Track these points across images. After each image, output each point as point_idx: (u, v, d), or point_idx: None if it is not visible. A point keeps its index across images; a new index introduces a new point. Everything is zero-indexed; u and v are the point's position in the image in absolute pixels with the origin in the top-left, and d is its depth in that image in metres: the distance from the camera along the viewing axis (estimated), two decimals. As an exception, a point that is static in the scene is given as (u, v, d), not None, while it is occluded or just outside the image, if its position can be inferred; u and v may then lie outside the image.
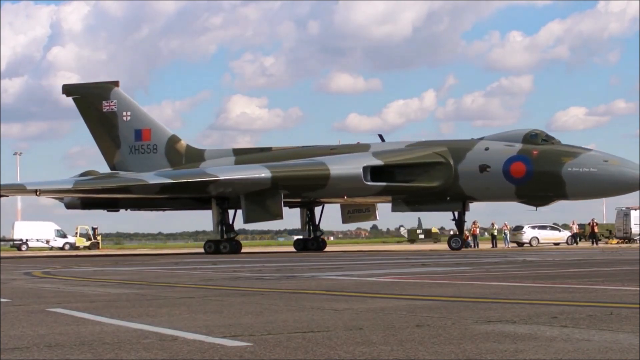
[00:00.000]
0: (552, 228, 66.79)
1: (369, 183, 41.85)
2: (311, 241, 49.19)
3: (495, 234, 61.32)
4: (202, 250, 46.54)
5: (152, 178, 42.76)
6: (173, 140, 49.41)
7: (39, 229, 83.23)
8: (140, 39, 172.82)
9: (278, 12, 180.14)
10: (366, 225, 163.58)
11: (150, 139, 49.14)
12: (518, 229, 65.10)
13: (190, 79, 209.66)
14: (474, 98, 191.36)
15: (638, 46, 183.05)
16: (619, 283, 13.00)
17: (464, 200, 43.45)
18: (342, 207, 48.80)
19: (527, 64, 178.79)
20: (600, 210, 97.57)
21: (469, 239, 58.78)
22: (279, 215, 43.29)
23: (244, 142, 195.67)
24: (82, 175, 46.03)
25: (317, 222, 49.46)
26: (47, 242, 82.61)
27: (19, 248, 79.81)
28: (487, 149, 41.74)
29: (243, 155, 47.19)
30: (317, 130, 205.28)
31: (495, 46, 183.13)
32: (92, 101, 49.58)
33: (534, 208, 44.63)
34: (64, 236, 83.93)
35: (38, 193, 42.74)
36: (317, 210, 50.30)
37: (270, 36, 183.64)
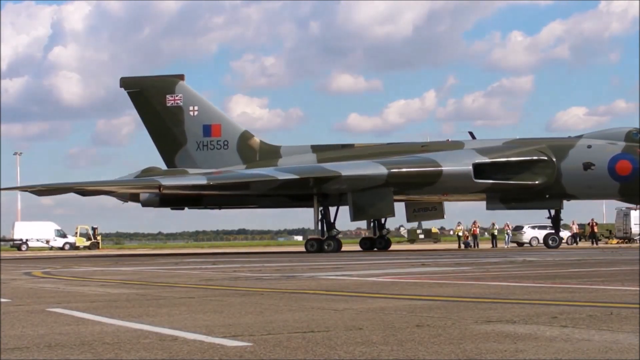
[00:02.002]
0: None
1: (477, 181, 41.45)
2: (378, 240, 47.77)
3: (496, 233, 61.32)
4: (201, 251, 46.46)
5: (279, 174, 41.45)
6: (245, 136, 47.91)
7: (39, 229, 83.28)
8: (141, 39, 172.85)
9: (279, 12, 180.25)
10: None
11: (221, 134, 47.45)
12: (518, 229, 65.14)
13: (191, 79, 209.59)
14: (475, 98, 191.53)
15: (638, 46, 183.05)
16: (619, 283, 13.00)
17: (563, 198, 43.22)
18: (407, 205, 47.58)
19: (527, 64, 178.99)
20: (600, 210, 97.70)
21: (469, 239, 58.86)
22: (390, 213, 42.78)
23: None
24: (143, 171, 45.19)
25: (332, 221, 47.60)
26: (47, 242, 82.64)
27: (19, 248, 79.84)
28: (589, 146, 41.47)
29: (323, 152, 45.90)
30: (317, 130, 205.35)
31: (496, 46, 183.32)
32: (154, 95, 47.66)
33: (634, 206, 44.69)
34: (64, 236, 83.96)
35: (161, 189, 41.19)
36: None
37: (271, 36, 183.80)
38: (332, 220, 44.78)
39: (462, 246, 56.61)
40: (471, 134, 46.49)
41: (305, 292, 12.42)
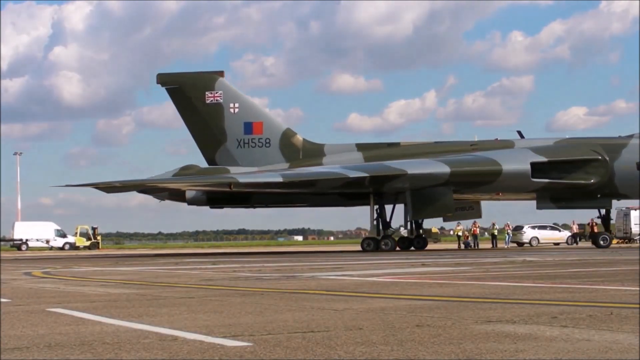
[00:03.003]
0: (552, 228, 66.85)
1: (534, 180, 41.32)
2: (416, 239, 47.28)
3: (496, 233, 61.33)
4: (201, 251, 46.47)
5: (349, 171, 40.90)
6: (288, 134, 47.15)
7: (39, 229, 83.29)
8: (142, 39, 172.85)
9: (279, 12, 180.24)
10: (367, 225, 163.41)
11: (263, 132, 46.66)
12: (518, 229, 65.17)
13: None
14: (475, 98, 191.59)
15: (638, 46, 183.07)
16: (619, 283, 13.00)
17: (615, 198, 43.26)
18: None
19: (528, 64, 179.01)
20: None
21: (469, 238, 58.88)
22: (450, 212, 42.58)
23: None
24: (182, 169, 44.86)
25: (387, 220, 47.11)
26: (47, 242, 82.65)
27: (19, 248, 79.84)
28: None
29: (370, 151, 45.49)
30: (317, 130, 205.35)
31: (497, 46, 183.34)
32: (193, 92, 46.85)
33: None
34: (64, 236, 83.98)
35: (232, 187, 40.57)
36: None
37: (272, 36, 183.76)
38: (388, 219, 44.37)
39: (462, 246, 56.61)
40: (519, 133, 46.18)
41: (305, 292, 12.42)
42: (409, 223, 47.77)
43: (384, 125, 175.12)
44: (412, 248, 46.15)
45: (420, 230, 47.95)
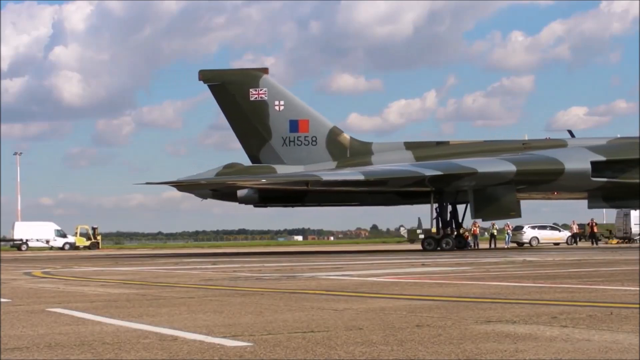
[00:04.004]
0: (552, 228, 66.87)
1: (593, 179, 41.29)
2: (457, 239, 46.43)
3: (495, 233, 61.35)
4: (201, 251, 46.43)
5: (424, 170, 40.57)
6: (335, 132, 46.45)
7: (39, 229, 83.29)
8: (142, 39, 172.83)
9: (280, 12, 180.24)
10: (367, 225, 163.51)
11: (309, 130, 45.94)
12: (518, 229, 65.16)
13: (191, 79, 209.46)
14: (475, 98, 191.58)
15: (639, 46, 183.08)
16: (619, 283, 13.00)
17: None
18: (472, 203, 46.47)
19: (528, 64, 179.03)
20: (600, 210, 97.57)
21: (469, 238, 58.88)
22: (514, 211, 42.16)
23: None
24: (225, 167, 44.51)
25: (448, 219, 46.43)
26: (47, 242, 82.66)
27: (19, 248, 79.85)
28: None
29: (419, 150, 45.08)
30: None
31: (497, 46, 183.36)
32: (237, 89, 46.11)
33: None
34: (64, 236, 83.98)
35: (309, 185, 40.30)
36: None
37: (272, 36, 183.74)
38: (448, 218, 44.26)
39: None
40: (570, 132, 45.98)
41: (305, 292, 12.41)
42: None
43: (384, 125, 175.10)
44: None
45: (461, 230, 47.30)
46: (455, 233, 46.74)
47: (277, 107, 45.88)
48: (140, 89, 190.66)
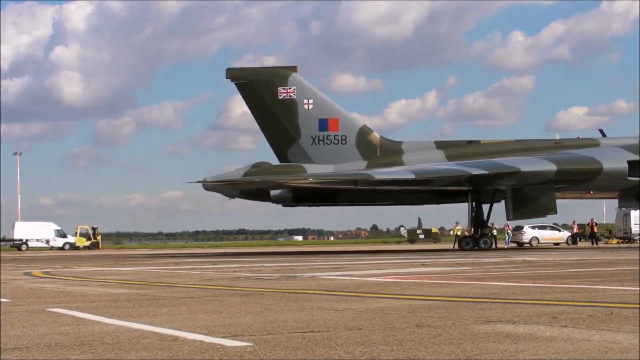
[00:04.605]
0: (552, 228, 66.84)
1: (630, 178, 41.26)
2: (482, 240, 45.47)
3: (495, 233, 61.28)
4: (201, 251, 46.38)
5: (471, 169, 40.35)
6: (364, 131, 46.03)
7: (39, 229, 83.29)
8: (143, 39, 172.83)
9: (280, 12, 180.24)
10: (367, 225, 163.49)
11: (338, 129, 45.44)
12: (518, 229, 65.15)
13: (191, 79, 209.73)
14: (475, 98, 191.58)
15: (639, 46, 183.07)
16: (619, 283, 13.01)
17: None
18: (508, 203, 45.06)
19: (528, 64, 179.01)
20: (600, 210, 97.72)
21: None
22: (553, 210, 41.94)
23: (246, 142, 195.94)
24: (254, 166, 44.17)
25: (484, 219, 46.38)
26: (47, 242, 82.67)
27: (19, 248, 79.86)
28: None
29: (450, 149, 44.95)
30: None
31: (497, 46, 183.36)
32: (265, 87, 45.47)
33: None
34: (64, 236, 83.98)
35: (356, 184, 40.14)
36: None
37: (272, 36, 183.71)
38: (484, 218, 44.13)
39: (456, 246, 56.42)
40: (601, 131, 45.81)
41: (305, 292, 12.41)
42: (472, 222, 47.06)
43: (384, 125, 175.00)
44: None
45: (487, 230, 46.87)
46: (483, 233, 46.03)
47: (306, 106, 45.42)
48: (141, 89, 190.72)
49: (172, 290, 13.63)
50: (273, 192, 44.67)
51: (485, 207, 45.35)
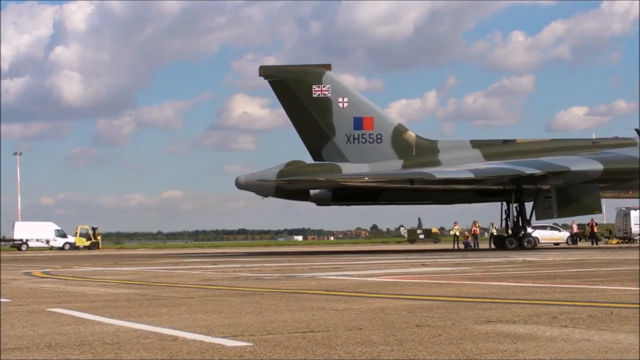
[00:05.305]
0: (552, 228, 66.80)
1: None
2: (526, 239, 45.35)
3: (495, 233, 61.25)
4: (201, 251, 46.39)
5: (525, 168, 40.28)
6: (400, 130, 45.66)
7: (39, 229, 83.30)
8: (143, 39, 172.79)
9: (280, 12, 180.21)
10: (367, 225, 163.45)
11: (373, 127, 45.09)
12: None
13: (191, 79, 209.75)
14: (475, 98, 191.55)
15: (639, 46, 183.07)
16: (619, 283, 13.01)
17: None
18: (538, 203, 45.01)
19: (528, 64, 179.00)
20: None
21: (469, 238, 58.87)
22: (598, 209, 42.27)
23: (246, 142, 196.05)
24: (287, 165, 43.96)
25: (528, 218, 46.17)
26: (47, 242, 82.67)
27: (19, 248, 79.87)
28: None
29: (486, 148, 44.83)
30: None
31: (497, 46, 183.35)
32: (299, 85, 45.09)
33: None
34: (64, 236, 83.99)
35: (413, 183, 40.28)
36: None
37: (272, 36, 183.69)
38: (527, 217, 44.12)
39: (457, 246, 56.51)
40: (638, 131, 45.49)
41: (305, 292, 12.42)
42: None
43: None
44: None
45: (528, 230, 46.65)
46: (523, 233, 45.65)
47: (340, 104, 45.11)
48: (141, 89, 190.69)
49: (172, 290, 13.64)
50: (313, 191, 44.37)
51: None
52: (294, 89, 45.13)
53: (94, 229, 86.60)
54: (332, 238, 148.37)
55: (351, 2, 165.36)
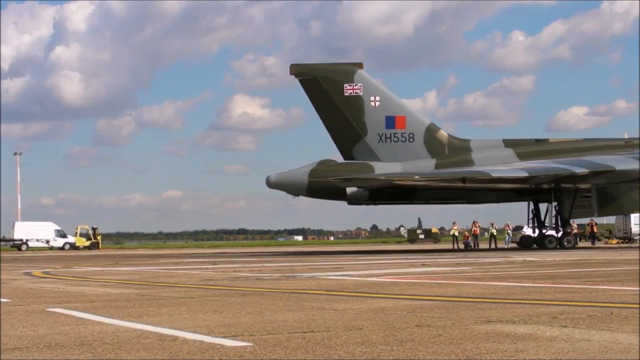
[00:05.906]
0: (552, 228, 66.75)
1: None
2: (566, 238, 44.91)
3: (495, 233, 61.28)
4: (201, 251, 46.39)
5: (575, 168, 40.35)
6: (432, 129, 45.48)
7: (39, 229, 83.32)
8: (143, 39, 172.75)
9: (280, 12, 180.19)
10: (367, 225, 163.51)
11: (406, 127, 44.87)
12: (518, 229, 65.09)
13: (191, 79, 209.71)
14: (475, 98, 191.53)
15: (639, 46, 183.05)
16: (619, 283, 13.01)
17: None
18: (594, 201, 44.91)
19: (528, 64, 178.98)
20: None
21: (469, 238, 58.86)
22: (637, 209, 42.40)
23: (246, 142, 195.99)
24: (319, 164, 43.61)
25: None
26: (47, 242, 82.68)
27: (19, 248, 79.87)
28: None
29: (520, 147, 44.70)
30: (318, 130, 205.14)
31: (497, 46, 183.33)
32: (330, 84, 44.68)
33: None
34: (64, 236, 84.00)
35: (465, 182, 40.35)
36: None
37: (272, 36, 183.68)
38: (567, 217, 44.07)
39: (456, 246, 56.52)
40: None
41: (305, 292, 12.42)
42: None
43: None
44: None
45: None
46: (562, 232, 45.23)
47: (372, 103, 44.76)
48: (141, 89, 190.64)
49: (172, 290, 13.64)
50: (349, 191, 44.03)
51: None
52: (326, 87, 44.71)
53: (94, 229, 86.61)
54: (332, 238, 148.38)
55: (351, 2, 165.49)
